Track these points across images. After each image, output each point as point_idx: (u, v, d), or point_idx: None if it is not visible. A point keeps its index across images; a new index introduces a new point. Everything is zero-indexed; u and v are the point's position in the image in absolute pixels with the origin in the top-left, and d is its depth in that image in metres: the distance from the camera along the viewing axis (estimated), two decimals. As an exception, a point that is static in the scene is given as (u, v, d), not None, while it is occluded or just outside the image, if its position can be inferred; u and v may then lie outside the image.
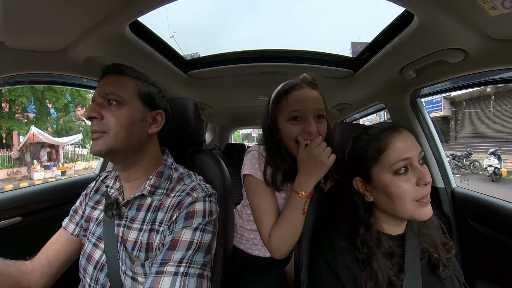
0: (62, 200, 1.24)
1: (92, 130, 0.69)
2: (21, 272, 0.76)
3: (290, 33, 63.81)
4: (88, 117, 0.70)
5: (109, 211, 0.75)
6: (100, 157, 1.44)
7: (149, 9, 0.81)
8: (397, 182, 0.68)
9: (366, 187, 0.75)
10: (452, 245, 0.79)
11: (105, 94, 0.70)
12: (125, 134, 0.70)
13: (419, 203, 0.67)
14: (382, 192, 0.71)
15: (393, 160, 0.68)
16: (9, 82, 1.03)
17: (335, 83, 1.64)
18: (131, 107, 0.72)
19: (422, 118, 1.46)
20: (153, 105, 0.79)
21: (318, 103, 0.86)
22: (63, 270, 0.83)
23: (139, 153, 0.77)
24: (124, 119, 0.70)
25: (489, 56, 0.90)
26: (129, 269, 0.71)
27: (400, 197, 0.67)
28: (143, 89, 0.76)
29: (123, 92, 0.72)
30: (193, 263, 0.64)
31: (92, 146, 0.70)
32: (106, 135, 0.69)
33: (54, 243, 0.84)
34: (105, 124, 0.69)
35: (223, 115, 2.89)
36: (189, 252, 0.64)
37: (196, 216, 0.69)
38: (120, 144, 0.70)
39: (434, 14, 0.76)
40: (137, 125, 0.73)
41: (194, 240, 0.66)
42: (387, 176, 0.69)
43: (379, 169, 0.70)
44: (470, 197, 1.27)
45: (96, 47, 0.97)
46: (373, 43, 1.19)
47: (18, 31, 0.78)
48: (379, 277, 0.67)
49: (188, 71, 1.51)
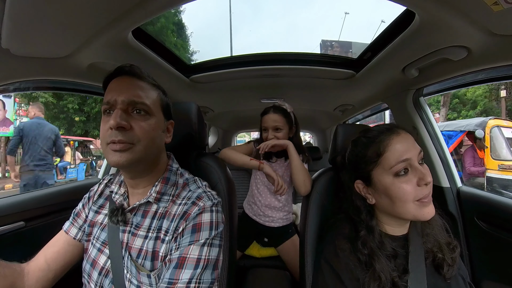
0: (65, 205, 1.24)
1: (119, 141, 0.64)
2: (16, 273, 0.74)
3: (291, 36, 63.61)
4: (117, 127, 0.64)
5: (114, 217, 0.74)
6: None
7: (151, 15, 0.82)
8: (397, 184, 0.68)
9: (368, 190, 0.76)
10: (457, 244, 0.79)
11: (134, 103, 0.67)
12: (153, 146, 0.70)
13: (420, 203, 0.67)
14: (384, 194, 0.71)
15: (393, 162, 0.68)
16: (14, 88, 1.04)
17: (337, 85, 1.64)
18: (156, 118, 0.72)
19: (425, 117, 1.45)
20: (169, 115, 0.79)
21: (275, 122, 1.44)
22: (61, 274, 0.81)
23: (155, 163, 0.76)
24: (153, 131, 0.69)
25: (493, 52, 0.90)
26: (135, 277, 0.70)
27: (401, 198, 0.67)
28: (164, 100, 0.77)
29: (152, 103, 0.71)
30: (202, 283, 0.63)
31: (115, 156, 0.65)
32: (134, 147, 0.65)
33: (53, 246, 0.82)
34: (134, 136, 0.65)
35: (225, 118, 2.90)
36: (198, 270, 0.63)
37: (203, 229, 0.68)
38: (148, 156, 0.69)
39: (436, 12, 0.75)
40: (160, 136, 0.74)
41: (202, 257, 0.65)
42: (388, 178, 0.69)
43: (379, 172, 0.71)
44: (476, 196, 1.26)
45: (99, 53, 0.98)
46: (375, 43, 1.18)
47: (23, 39, 0.79)
48: (382, 279, 0.67)
49: (190, 76, 1.52)
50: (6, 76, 0.94)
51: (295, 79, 1.62)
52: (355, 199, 0.79)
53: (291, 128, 1.50)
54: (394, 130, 0.73)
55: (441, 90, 1.41)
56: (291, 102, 1.57)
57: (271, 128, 1.44)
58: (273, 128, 1.44)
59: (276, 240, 1.66)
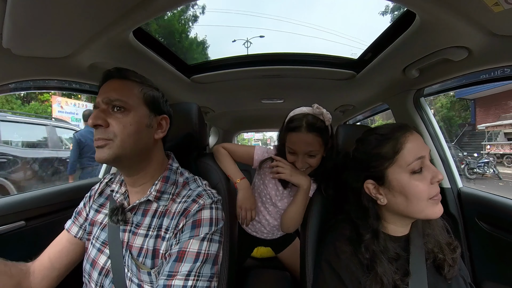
0: (65, 205, 1.25)
1: (98, 138, 0.68)
2: (22, 273, 0.75)
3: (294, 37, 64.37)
4: (93, 125, 0.68)
5: (114, 216, 0.74)
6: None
7: (152, 16, 0.82)
8: (414, 182, 0.67)
9: (379, 190, 0.73)
10: (457, 245, 0.79)
11: (110, 100, 0.69)
12: (132, 141, 0.69)
13: (433, 201, 0.68)
14: (399, 193, 0.69)
15: (410, 159, 0.68)
16: (15, 88, 1.04)
17: (337, 85, 1.63)
18: (137, 113, 0.71)
19: (426, 118, 1.45)
20: (158, 110, 0.78)
21: (309, 146, 1.03)
22: (65, 273, 0.82)
23: (146, 159, 0.76)
24: (131, 126, 0.69)
25: (493, 53, 0.90)
26: (135, 276, 0.70)
27: (417, 196, 0.67)
28: (148, 94, 0.75)
29: (129, 98, 0.70)
30: (201, 276, 0.63)
31: (98, 153, 0.68)
32: (112, 142, 0.67)
33: (57, 245, 0.83)
34: (111, 132, 0.67)
35: (226, 119, 2.89)
36: (197, 264, 0.64)
37: (203, 225, 0.68)
38: (127, 151, 0.69)
39: (436, 12, 0.75)
40: (144, 131, 0.73)
41: (202, 251, 0.65)
42: (404, 176, 0.68)
43: (395, 170, 0.70)
44: (477, 197, 1.26)
45: (101, 53, 0.98)
46: (375, 44, 1.18)
47: (24, 39, 0.79)
48: (384, 282, 0.66)
49: (191, 76, 1.52)
50: (8, 75, 0.94)
51: (296, 80, 1.62)
52: (364, 200, 0.76)
53: (327, 146, 1.09)
54: (408, 128, 0.72)
55: (442, 90, 1.41)
56: (291, 102, 1.56)
57: (305, 153, 1.05)
58: (307, 153, 1.06)
59: (277, 247, 1.54)
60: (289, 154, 1.09)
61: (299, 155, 1.05)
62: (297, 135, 1.03)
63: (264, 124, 3.38)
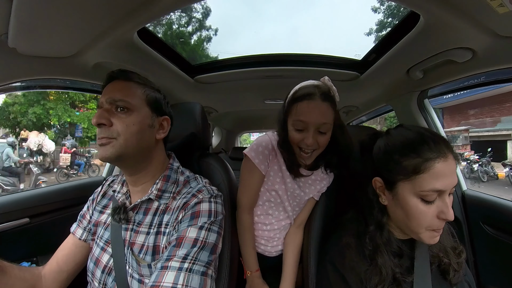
0: (69, 203, 1.26)
1: (100, 137, 0.69)
2: (35, 277, 0.78)
3: (296, 37, 64.01)
4: (97, 124, 0.69)
5: (117, 215, 0.75)
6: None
7: (156, 16, 0.83)
8: (420, 207, 0.63)
9: (385, 191, 0.71)
10: (463, 250, 0.77)
11: (113, 100, 0.70)
12: (135, 140, 0.71)
13: (432, 231, 0.65)
14: (401, 208, 0.67)
15: (427, 188, 0.61)
16: (20, 87, 1.06)
17: (341, 86, 1.61)
18: (140, 113, 0.73)
19: (430, 119, 1.44)
20: (160, 111, 0.80)
21: (323, 117, 0.87)
22: (74, 274, 0.84)
23: (147, 158, 0.77)
24: (134, 125, 0.71)
25: (498, 54, 0.89)
26: (136, 271, 0.71)
27: (417, 222, 0.64)
28: (151, 96, 0.77)
29: (132, 99, 0.72)
30: (197, 260, 0.64)
31: (101, 151, 0.70)
32: (115, 141, 0.69)
33: (64, 248, 0.85)
34: (114, 131, 0.69)
35: (229, 119, 2.90)
36: (194, 249, 0.64)
37: (202, 215, 0.70)
38: (130, 150, 0.70)
39: (440, 14, 0.75)
40: (146, 131, 0.74)
41: (200, 238, 0.66)
42: (413, 198, 0.64)
43: (407, 188, 0.64)
44: (481, 200, 1.24)
45: (105, 53, 0.99)
46: (379, 45, 1.18)
47: (30, 38, 0.80)
48: (382, 273, 0.66)
49: (194, 76, 1.53)
50: (13, 74, 0.95)
51: (300, 80, 1.62)
52: (369, 192, 0.74)
53: (335, 124, 0.94)
54: (443, 152, 0.62)
55: (446, 92, 1.40)
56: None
57: (316, 127, 0.88)
58: (318, 127, 0.88)
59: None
60: (295, 132, 0.90)
61: (310, 129, 0.87)
62: (309, 103, 0.87)
63: (268, 124, 3.38)
